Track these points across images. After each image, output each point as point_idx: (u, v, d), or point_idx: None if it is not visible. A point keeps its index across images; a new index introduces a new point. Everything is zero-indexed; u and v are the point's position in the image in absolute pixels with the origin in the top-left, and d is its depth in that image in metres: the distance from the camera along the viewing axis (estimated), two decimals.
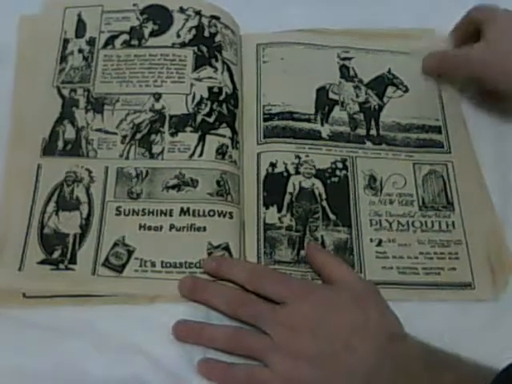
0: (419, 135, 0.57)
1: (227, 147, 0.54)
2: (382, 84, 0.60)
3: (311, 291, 0.46)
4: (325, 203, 0.53)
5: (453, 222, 0.53)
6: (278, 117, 0.57)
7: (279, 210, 0.53)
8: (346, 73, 0.60)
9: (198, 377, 0.45)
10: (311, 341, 0.43)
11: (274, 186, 0.54)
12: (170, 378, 0.45)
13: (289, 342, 0.43)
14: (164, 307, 0.48)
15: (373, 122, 0.58)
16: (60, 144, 0.53)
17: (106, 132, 0.54)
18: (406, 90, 0.60)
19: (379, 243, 0.52)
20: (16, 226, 0.50)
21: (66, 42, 0.58)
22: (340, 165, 0.55)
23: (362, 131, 0.57)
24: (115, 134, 0.54)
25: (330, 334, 0.43)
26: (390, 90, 0.60)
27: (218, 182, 0.52)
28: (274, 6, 0.63)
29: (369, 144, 0.56)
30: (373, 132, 0.57)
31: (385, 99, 0.59)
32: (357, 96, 0.59)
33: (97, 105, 0.55)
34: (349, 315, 0.43)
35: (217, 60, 0.57)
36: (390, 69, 0.61)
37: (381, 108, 0.58)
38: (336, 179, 0.54)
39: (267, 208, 0.53)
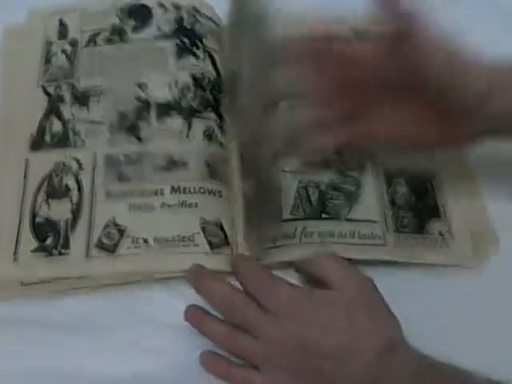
0: None
1: (213, 130, 0.54)
2: None
3: (300, 306, 0.43)
4: None
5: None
6: None
7: None
8: None
9: (199, 376, 0.45)
10: (299, 357, 0.41)
11: None
12: (171, 377, 0.45)
13: (277, 355, 0.42)
14: (165, 306, 0.48)
15: None
16: (47, 138, 0.53)
17: (93, 122, 0.54)
18: None
19: None
20: (8, 218, 0.50)
21: (49, 45, 0.59)
22: None
23: None
24: (102, 123, 0.54)
25: (318, 352, 0.41)
26: None
27: (207, 163, 0.52)
28: None
29: None
30: None
31: None
32: None
33: (82, 98, 0.55)
34: (338, 333, 0.41)
35: (198, 48, 0.58)
36: None
37: None
38: None
39: None
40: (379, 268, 0.49)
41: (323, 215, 0.52)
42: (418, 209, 0.53)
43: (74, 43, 0.58)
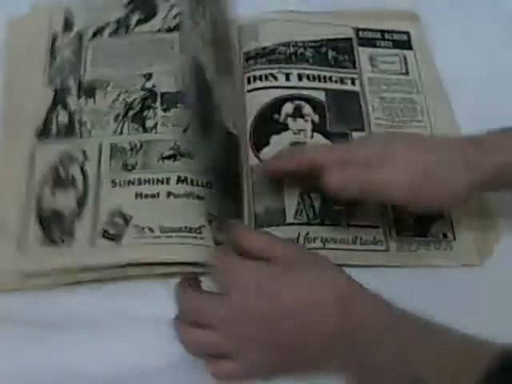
0: None
1: None
2: None
3: (255, 283, 0.42)
4: None
5: None
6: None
7: None
8: None
9: (198, 374, 0.44)
10: (263, 326, 0.41)
11: None
12: (170, 376, 0.44)
13: (241, 334, 0.41)
14: (164, 305, 0.46)
15: None
16: (54, 128, 0.53)
17: (99, 112, 0.54)
18: None
19: None
20: (14, 210, 0.49)
21: (54, 37, 0.59)
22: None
23: None
24: (108, 113, 0.54)
25: (279, 315, 0.41)
26: None
27: None
28: None
29: None
30: None
31: None
32: None
33: (88, 90, 0.55)
34: (296, 290, 0.41)
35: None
36: None
37: None
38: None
39: None
40: (380, 266, 0.49)
41: (326, 221, 0.51)
42: None
43: (79, 36, 0.58)
